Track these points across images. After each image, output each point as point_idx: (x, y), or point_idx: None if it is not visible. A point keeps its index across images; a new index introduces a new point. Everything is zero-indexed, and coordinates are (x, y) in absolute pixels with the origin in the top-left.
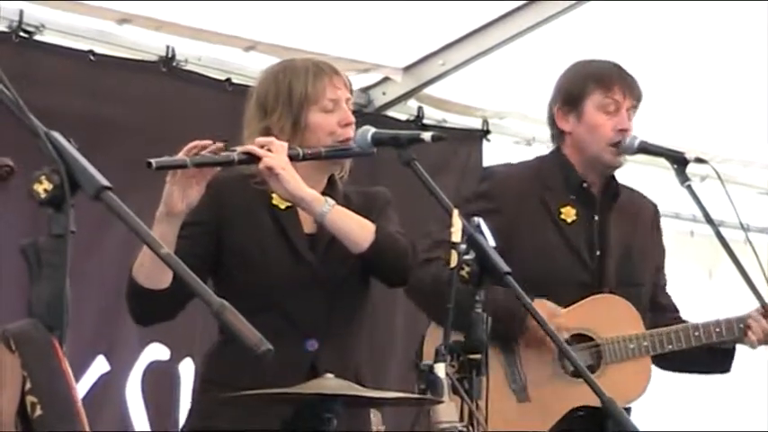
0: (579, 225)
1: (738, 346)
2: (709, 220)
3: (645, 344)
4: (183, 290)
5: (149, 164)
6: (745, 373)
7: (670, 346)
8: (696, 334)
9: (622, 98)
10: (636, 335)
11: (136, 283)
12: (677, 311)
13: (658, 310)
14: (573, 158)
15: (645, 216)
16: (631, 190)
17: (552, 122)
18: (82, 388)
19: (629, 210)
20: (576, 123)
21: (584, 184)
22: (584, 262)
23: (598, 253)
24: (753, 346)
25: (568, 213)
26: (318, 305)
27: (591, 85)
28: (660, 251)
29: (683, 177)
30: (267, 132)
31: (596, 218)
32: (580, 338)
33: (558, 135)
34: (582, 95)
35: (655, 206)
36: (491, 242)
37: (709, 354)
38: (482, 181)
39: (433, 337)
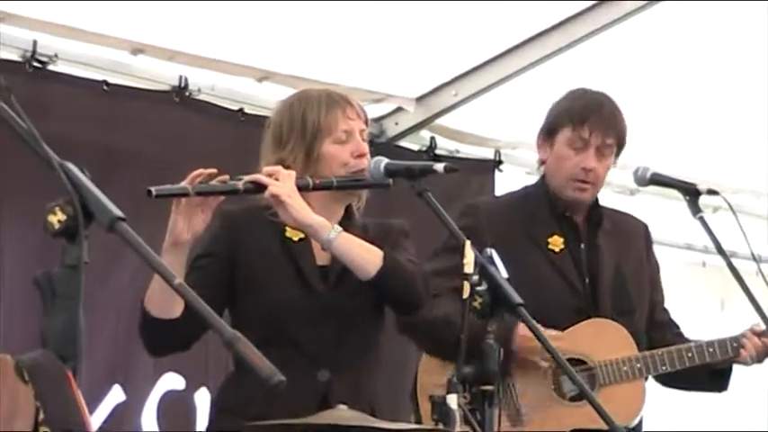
0: (567, 253)
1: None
2: (721, 252)
3: (638, 366)
4: (195, 320)
5: (150, 192)
6: (745, 374)
7: (664, 368)
8: (689, 355)
9: (589, 136)
10: (629, 357)
11: (148, 314)
12: (678, 327)
13: (658, 327)
14: (553, 188)
15: (635, 238)
16: (619, 213)
17: (537, 150)
18: (98, 417)
19: (619, 233)
20: (548, 154)
21: (567, 213)
22: (576, 289)
23: (587, 280)
24: (746, 363)
25: (556, 242)
26: (329, 336)
27: (564, 119)
28: (654, 267)
29: (696, 209)
30: (281, 163)
31: (582, 246)
32: (573, 363)
33: (541, 163)
34: (556, 128)
35: (645, 226)
36: (503, 273)
37: (706, 373)
38: (463, 216)
39: (427, 368)
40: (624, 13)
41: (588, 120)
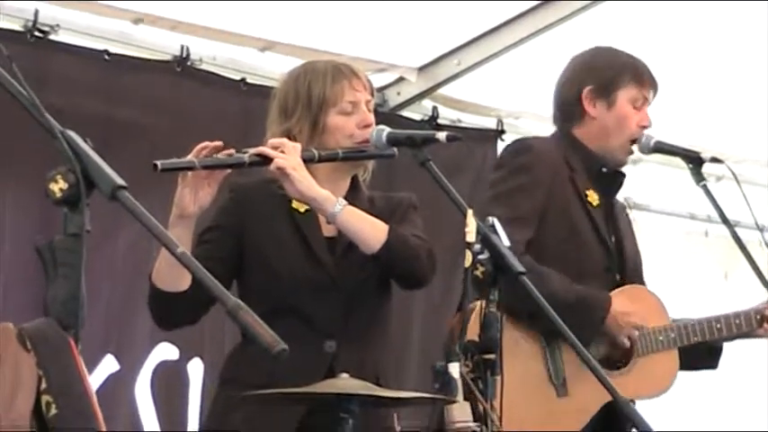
0: (601, 210)
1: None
2: (724, 221)
3: (672, 336)
4: (203, 292)
5: (155, 166)
6: (745, 373)
7: (696, 338)
8: (718, 326)
9: (650, 95)
10: (664, 327)
11: (155, 288)
12: None
13: None
14: (590, 144)
15: (624, 211)
16: None
17: (575, 102)
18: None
19: (618, 202)
20: (604, 111)
21: (604, 169)
22: (608, 247)
23: (613, 239)
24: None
25: (593, 197)
26: (336, 307)
27: (627, 76)
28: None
29: (699, 177)
30: (287, 134)
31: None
32: None
33: (577, 116)
34: (617, 84)
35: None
36: (505, 242)
37: (701, 351)
38: (520, 153)
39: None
40: None
41: (649, 79)
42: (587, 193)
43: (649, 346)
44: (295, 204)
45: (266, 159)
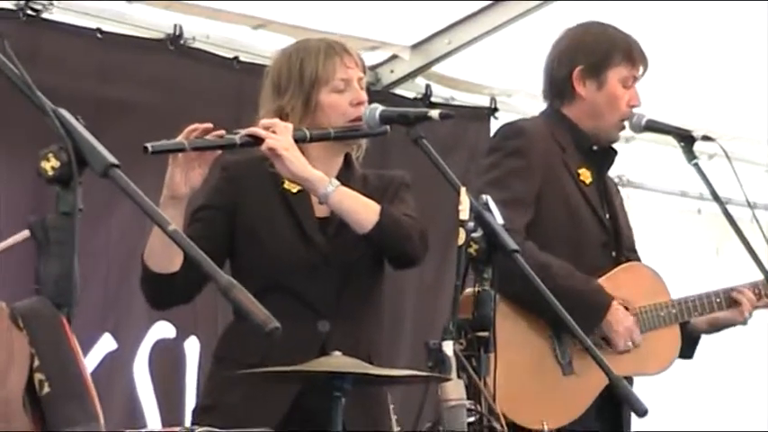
0: (594, 187)
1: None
2: (716, 198)
3: (674, 311)
4: (195, 272)
5: (146, 149)
6: (746, 373)
7: (696, 313)
8: (718, 300)
9: (640, 73)
10: (665, 302)
11: (147, 268)
12: None
13: None
14: (581, 122)
15: (616, 188)
16: None
17: (565, 81)
18: (88, 365)
19: (609, 178)
20: (594, 91)
21: (594, 148)
22: (604, 224)
23: (607, 216)
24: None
25: (585, 175)
26: (329, 286)
27: (618, 56)
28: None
29: (691, 155)
30: (280, 112)
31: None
32: None
33: (567, 96)
34: (607, 64)
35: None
36: (499, 219)
37: (683, 338)
38: (513, 137)
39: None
40: None
41: (639, 57)
42: (579, 171)
43: (651, 321)
44: (287, 185)
45: (258, 140)
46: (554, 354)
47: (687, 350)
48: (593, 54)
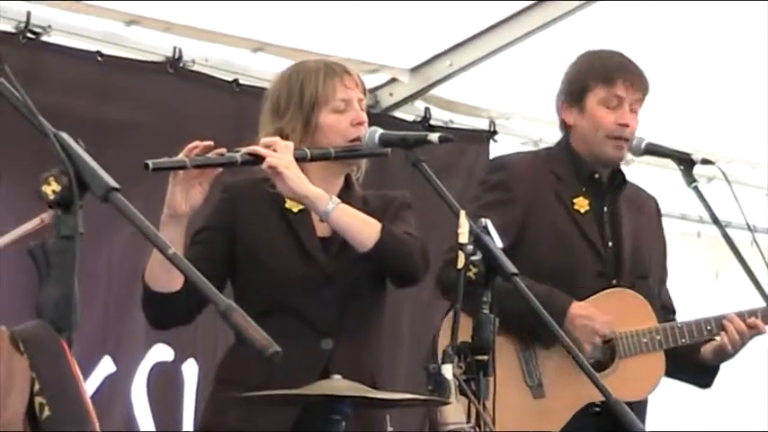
0: (591, 215)
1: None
2: (715, 221)
3: (658, 338)
4: (195, 293)
5: (147, 165)
6: (745, 373)
7: (683, 340)
8: (708, 328)
9: (625, 93)
10: (649, 328)
11: (148, 288)
12: (674, 312)
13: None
14: (580, 151)
15: (649, 209)
16: (632, 184)
17: (559, 115)
18: (89, 388)
19: (635, 202)
20: (578, 117)
21: (596, 175)
22: (599, 252)
23: (610, 244)
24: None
25: (581, 204)
26: (331, 305)
27: (593, 80)
28: (663, 245)
29: (690, 178)
30: (280, 134)
31: (605, 208)
32: None
33: (564, 128)
34: (584, 90)
35: (655, 200)
36: (498, 243)
37: (697, 367)
38: (495, 171)
39: (446, 336)
40: None
41: (620, 76)
42: (574, 201)
43: (633, 347)
44: (288, 204)
45: (258, 158)
46: (522, 376)
47: (706, 379)
48: (572, 83)
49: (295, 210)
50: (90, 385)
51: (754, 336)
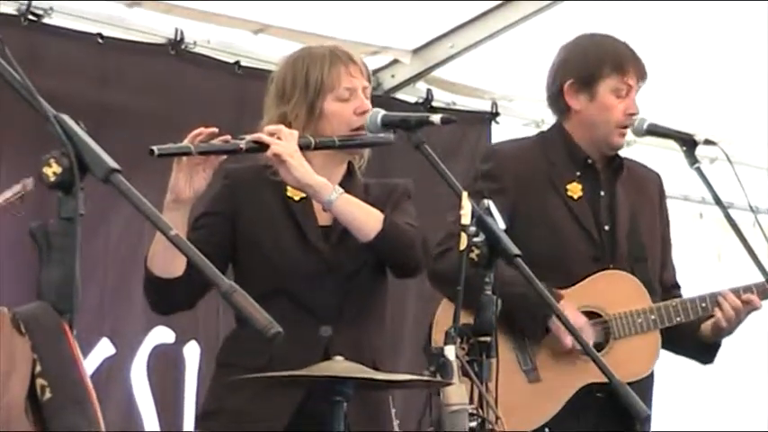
0: (585, 201)
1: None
2: (718, 202)
3: (652, 317)
4: (198, 277)
5: (152, 151)
6: (745, 373)
7: (678, 319)
8: (703, 305)
9: (635, 82)
10: (643, 309)
11: (151, 273)
12: (679, 288)
13: (662, 286)
14: (577, 135)
15: (650, 187)
16: (632, 161)
17: (558, 96)
18: (86, 370)
19: (634, 183)
20: (586, 103)
21: (589, 161)
22: (593, 237)
23: (606, 228)
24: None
25: (575, 189)
26: (331, 293)
27: (607, 67)
28: (665, 221)
29: (692, 159)
30: (284, 119)
31: (602, 193)
32: (588, 316)
33: (563, 110)
34: (596, 77)
35: (658, 176)
36: (501, 224)
37: (697, 344)
38: (485, 160)
39: (442, 321)
40: None
41: (632, 65)
42: (568, 187)
43: (627, 328)
44: (290, 192)
45: (263, 146)
46: (517, 361)
47: (706, 356)
48: (583, 67)
49: (297, 198)
50: (88, 367)
51: (750, 311)
